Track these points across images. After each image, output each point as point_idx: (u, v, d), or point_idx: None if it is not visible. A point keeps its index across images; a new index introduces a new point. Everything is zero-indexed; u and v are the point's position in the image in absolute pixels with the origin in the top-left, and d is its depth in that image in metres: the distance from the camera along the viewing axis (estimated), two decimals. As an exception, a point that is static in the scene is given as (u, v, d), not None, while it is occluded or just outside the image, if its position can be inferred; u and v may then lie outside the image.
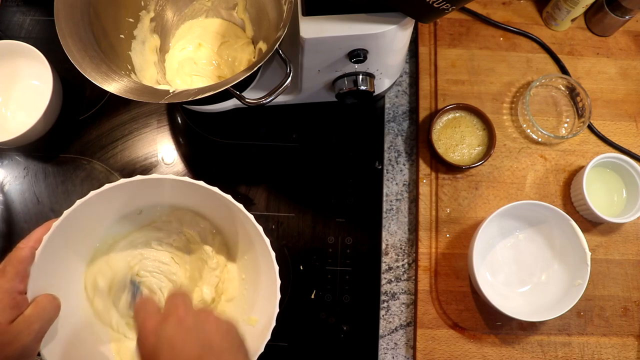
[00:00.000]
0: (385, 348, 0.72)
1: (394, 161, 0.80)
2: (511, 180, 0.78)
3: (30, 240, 0.52)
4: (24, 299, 0.50)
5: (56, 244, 0.53)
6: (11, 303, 0.48)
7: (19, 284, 0.50)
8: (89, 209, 0.55)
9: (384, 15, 0.59)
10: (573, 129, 0.80)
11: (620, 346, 0.71)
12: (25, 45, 0.74)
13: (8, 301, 0.48)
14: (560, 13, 0.81)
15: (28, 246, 0.51)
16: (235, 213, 0.58)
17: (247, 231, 0.59)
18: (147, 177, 0.56)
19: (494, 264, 0.73)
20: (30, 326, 0.49)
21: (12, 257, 0.50)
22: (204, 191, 0.57)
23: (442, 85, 0.81)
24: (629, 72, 0.84)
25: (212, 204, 0.60)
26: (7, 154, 0.77)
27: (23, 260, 0.50)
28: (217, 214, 0.63)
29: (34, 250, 0.51)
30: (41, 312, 0.50)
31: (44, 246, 0.52)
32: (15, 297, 0.49)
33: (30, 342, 0.48)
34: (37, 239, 0.52)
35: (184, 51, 0.73)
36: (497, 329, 0.72)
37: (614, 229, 0.76)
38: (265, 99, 0.57)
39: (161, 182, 0.58)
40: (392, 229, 0.77)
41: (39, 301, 0.51)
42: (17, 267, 0.50)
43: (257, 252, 0.59)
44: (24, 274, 0.50)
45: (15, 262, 0.50)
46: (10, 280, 0.49)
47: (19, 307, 0.49)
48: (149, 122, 0.79)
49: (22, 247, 0.51)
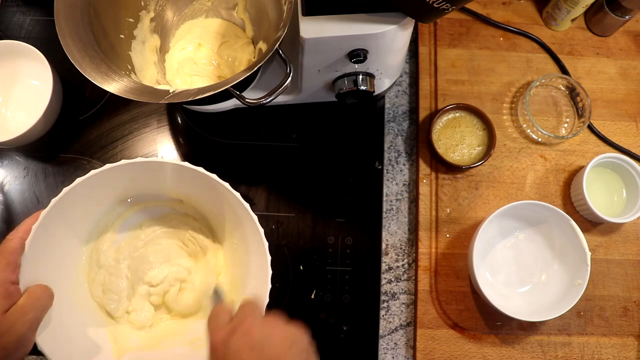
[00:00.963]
0: (385, 348, 0.72)
1: (394, 161, 0.80)
2: (511, 180, 0.78)
3: (19, 231, 0.52)
4: (16, 289, 0.50)
5: (46, 233, 0.54)
6: (4, 293, 0.49)
7: (11, 274, 0.50)
8: (75, 196, 0.55)
9: (384, 15, 0.59)
10: (573, 129, 0.80)
11: (620, 346, 0.71)
12: (25, 45, 0.74)
13: (1, 292, 0.48)
14: (560, 13, 0.81)
15: (17, 237, 0.51)
16: (221, 193, 0.58)
17: (234, 210, 0.59)
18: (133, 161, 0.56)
19: (494, 264, 0.73)
20: (25, 315, 0.49)
21: (1, 248, 0.51)
22: (188, 172, 0.57)
23: (442, 85, 0.81)
24: (629, 72, 0.84)
25: (197, 185, 0.59)
26: (7, 154, 0.77)
27: (13, 251, 0.51)
28: (202, 195, 0.63)
29: (23, 241, 0.51)
30: (35, 301, 0.51)
31: (33, 236, 0.52)
32: (7, 288, 0.49)
33: (25, 332, 0.49)
34: (26, 229, 0.52)
35: (184, 51, 0.73)
36: (497, 329, 0.72)
37: (614, 229, 0.76)
38: (265, 99, 0.57)
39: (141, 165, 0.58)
40: (392, 229, 0.77)
41: (32, 291, 0.51)
42: (7, 258, 0.50)
43: (246, 230, 0.59)
44: (15, 264, 0.51)
45: (6, 253, 0.50)
46: (1, 271, 0.49)
47: (11, 297, 0.49)
48: (149, 122, 0.79)
49: (11, 239, 0.51)
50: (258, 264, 0.58)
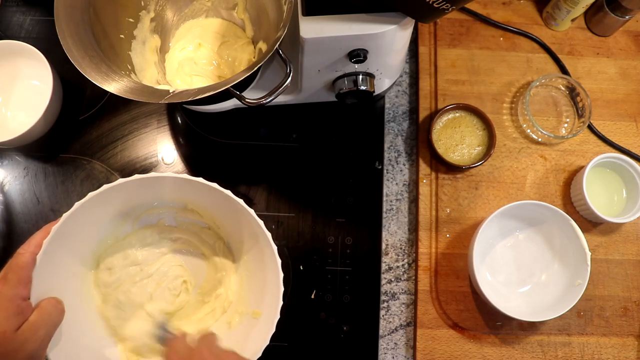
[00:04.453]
0: (385, 348, 0.72)
1: (394, 161, 0.80)
2: (511, 180, 0.78)
3: (30, 245, 0.51)
4: (27, 304, 0.50)
5: (57, 247, 0.53)
6: (15, 310, 0.48)
7: (23, 290, 0.49)
8: (88, 211, 0.55)
9: (384, 15, 0.59)
10: (573, 129, 0.80)
11: (620, 346, 0.71)
12: (25, 45, 0.74)
13: (12, 309, 0.48)
14: (560, 13, 0.81)
15: (29, 251, 0.50)
16: (236, 209, 0.58)
17: (249, 227, 0.59)
18: (146, 176, 0.55)
19: (494, 264, 0.73)
20: (36, 333, 0.48)
21: (13, 263, 0.50)
22: (203, 188, 0.56)
23: (442, 85, 0.81)
24: (629, 72, 0.84)
25: (212, 200, 0.59)
26: (7, 154, 0.77)
27: (24, 266, 0.50)
28: (216, 211, 0.63)
29: (34, 256, 0.51)
30: (46, 317, 0.50)
31: (44, 251, 0.51)
32: (19, 304, 0.48)
33: (36, 349, 0.48)
34: (37, 243, 0.51)
35: (184, 51, 0.73)
36: (497, 329, 0.72)
37: (614, 229, 0.76)
38: (265, 99, 0.57)
39: (161, 180, 0.57)
40: (392, 229, 0.77)
41: (43, 306, 0.51)
42: (19, 274, 0.49)
43: (260, 246, 0.59)
44: (27, 279, 0.50)
45: (17, 268, 0.49)
46: (13, 287, 0.48)
47: (23, 313, 0.49)
48: (149, 122, 0.79)
49: (22, 253, 0.50)
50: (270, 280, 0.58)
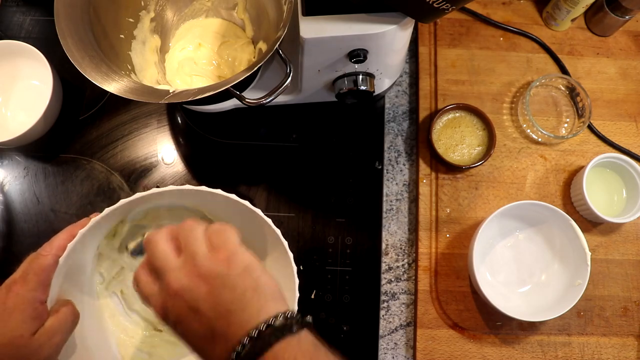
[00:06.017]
0: (385, 348, 0.72)
1: (394, 161, 0.80)
2: (511, 180, 0.78)
3: (53, 247, 0.49)
4: (44, 308, 0.48)
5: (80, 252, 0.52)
6: (33, 314, 0.47)
7: (41, 293, 0.48)
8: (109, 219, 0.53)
9: (384, 15, 0.59)
10: (573, 129, 0.80)
11: (620, 346, 0.71)
12: (25, 45, 0.74)
13: (30, 312, 0.47)
14: (560, 13, 0.81)
15: (51, 254, 0.49)
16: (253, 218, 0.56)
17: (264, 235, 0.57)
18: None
19: (494, 264, 0.73)
20: (52, 339, 0.48)
21: (34, 264, 0.48)
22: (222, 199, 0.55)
23: (442, 85, 0.81)
24: (629, 72, 0.84)
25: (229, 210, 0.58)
26: (7, 154, 0.77)
27: (46, 269, 0.48)
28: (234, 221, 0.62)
29: (57, 258, 0.49)
30: (62, 323, 0.49)
31: (67, 255, 0.49)
32: (36, 307, 0.47)
33: (51, 354, 0.47)
34: (60, 246, 0.49)
35: (184, 51, 0.73)
36: (497, 329, 0.72)
37: (614, 229, 0.76)
38: (265, 99, 0.57)
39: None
40: (392, 229, 0.77)
41: (59, 311, 0.49)
42: (40, 276, 0.48)
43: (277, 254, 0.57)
44: (47, 282, 0.48)
45: (39, 270, 0.48)
46: (33, 290, 0.47)
47: (40, 317, 0.48)
48: (149, 122, 0.79)
49: (45, 255, 0.49)
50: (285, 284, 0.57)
